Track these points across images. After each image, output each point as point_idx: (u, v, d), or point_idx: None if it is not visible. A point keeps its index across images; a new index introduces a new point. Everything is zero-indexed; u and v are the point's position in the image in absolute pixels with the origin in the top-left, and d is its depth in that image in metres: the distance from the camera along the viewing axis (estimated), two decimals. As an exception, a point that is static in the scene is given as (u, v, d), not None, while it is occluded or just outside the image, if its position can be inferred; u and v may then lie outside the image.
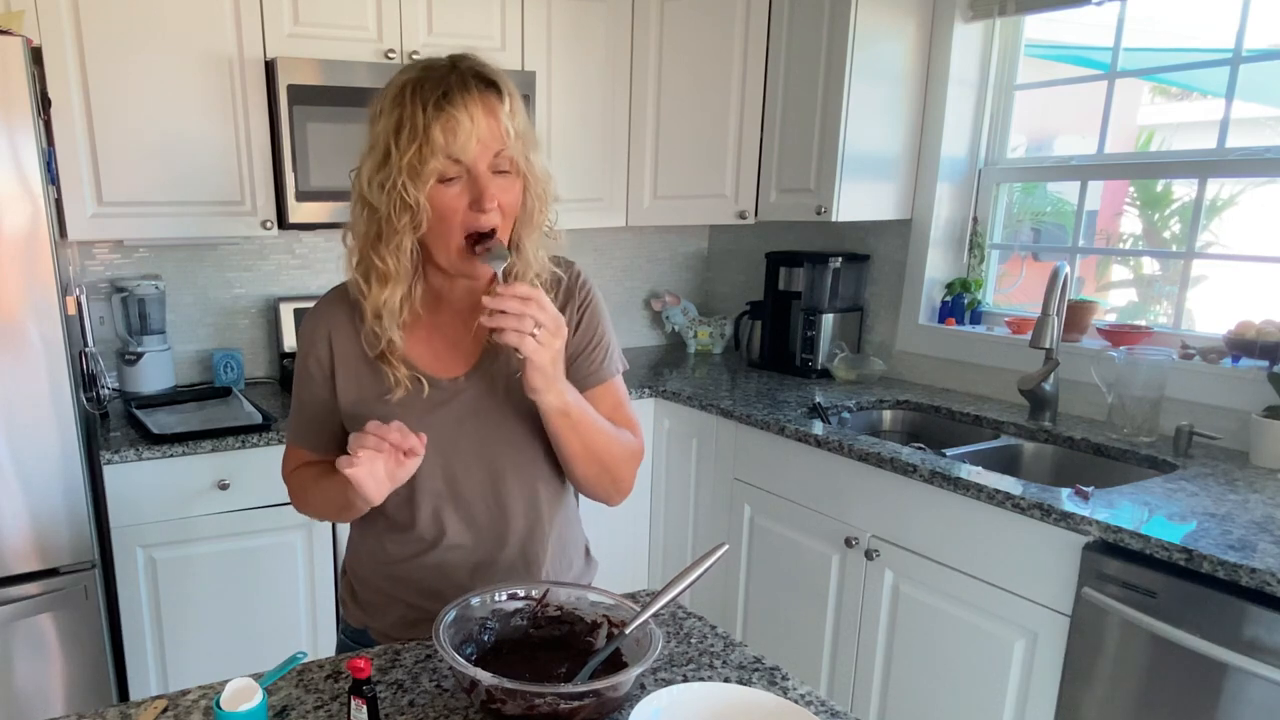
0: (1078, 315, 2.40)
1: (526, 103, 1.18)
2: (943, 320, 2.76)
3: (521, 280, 1.14)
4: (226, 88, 2.36)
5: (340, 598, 1.39)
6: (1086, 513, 1.69)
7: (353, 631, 1.35)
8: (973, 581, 1.92)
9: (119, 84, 2.25)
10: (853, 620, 2.24)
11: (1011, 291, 2.79)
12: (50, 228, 1.88)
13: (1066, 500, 1.76)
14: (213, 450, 2.21)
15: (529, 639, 1.12)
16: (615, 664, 1.04)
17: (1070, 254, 2.55)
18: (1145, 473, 2.01)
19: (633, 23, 2.87)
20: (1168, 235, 2.61)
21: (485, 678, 0.91)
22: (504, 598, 1.12)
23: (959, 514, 1.93)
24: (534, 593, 1.13)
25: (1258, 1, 2.08)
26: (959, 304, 2.74)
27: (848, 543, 2.21)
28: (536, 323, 1.04)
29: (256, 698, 0.93)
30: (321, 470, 1.24)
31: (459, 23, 2.61)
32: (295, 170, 2.40)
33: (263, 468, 2.26)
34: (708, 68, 2.86)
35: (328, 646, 2.29)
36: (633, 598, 1.25)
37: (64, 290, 1.95)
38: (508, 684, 0.91)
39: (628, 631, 1.04)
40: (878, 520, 2.14)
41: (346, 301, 1.21)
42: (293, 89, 2.35)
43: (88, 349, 2.23)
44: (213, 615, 2.32)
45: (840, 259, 2.85)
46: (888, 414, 2.65)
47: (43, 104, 1.98)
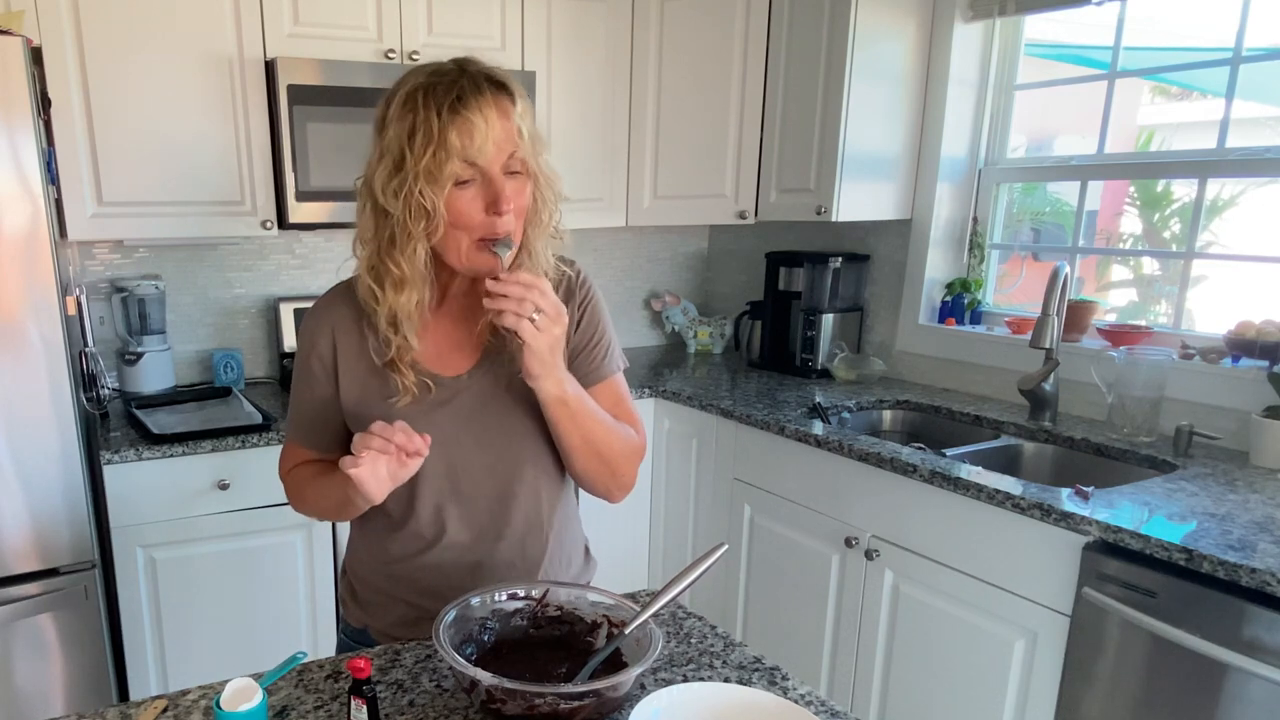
0: (1078, 315, 2.40)
1: (528, 103, 1.19)
2: (943, 320, 2.76)
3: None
4: (226, 88, 2.36)
5: (340, 597, 1.39)
6: (1086, 513, 1.69)
7: (353, 631, 1.35)
8: (973, 581, 1.92)
9: (119, 84, 2.25)
10: (853, 620, 2.24)
11: (1011, 291, 2.79)
12: (50, 228, 1.88)
13: (1066, 500, 1.76)
14: (213, 450, 2.22)
15: (529, 639, 1.12)
16: (615, 664, 1.04)
17: (1070, 254, 2.55)
18: (1145, 473, 2.01)
19: (633, 23, 2.87)
20: (1168, 235, 2.61)
21: (485, 678, 0.91)
22: (504, 597, 1.12)
23: (959, 514, 1.93)
24: (534, 593, 1.13)
25: (1258, 1, 2.08)
26: (959, 304, 2.74)
27: (848, 543, 2.21)
28: (537, 308, 1.06)
29: (256, 698, 0.93)
30: (320, 468, 1.24)
31: (459, 23, 2.61)
32: (295, 170, 2.40)
33: (263, 468, 2.26)
34: (708, 68, 2.86)
35: (328, 646, 2.29)
36: (633, 598, 1.25)
37: (64, 290, 1.95)
38: (508, 684, 0.91)
39: (628, 631, 1.04)
40: (878, 520, 2.14)
41: (349, 301, 1.21)
42: (293, 89, 2.35)
43: (88, 349, 2.23)
44: (213, 615, 2.32)
45: (840, 259, 2.85)
46: (888, 414, 2.65)
47: (43, 104, 1.98)
